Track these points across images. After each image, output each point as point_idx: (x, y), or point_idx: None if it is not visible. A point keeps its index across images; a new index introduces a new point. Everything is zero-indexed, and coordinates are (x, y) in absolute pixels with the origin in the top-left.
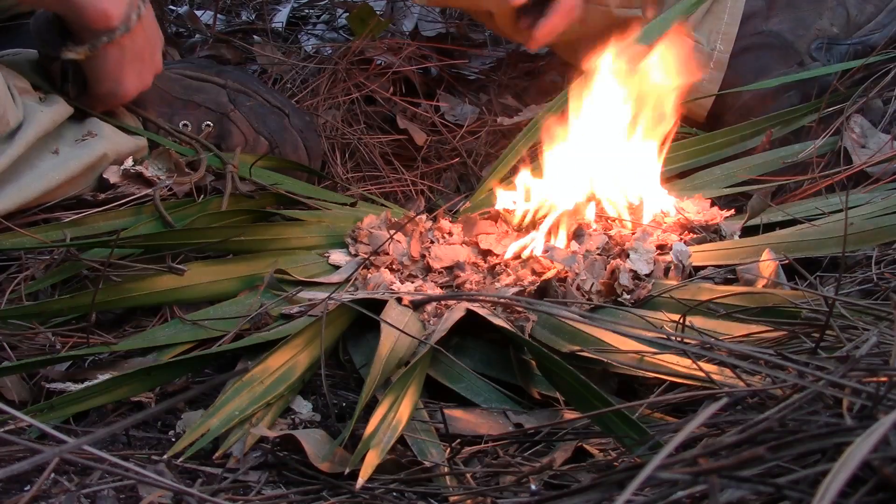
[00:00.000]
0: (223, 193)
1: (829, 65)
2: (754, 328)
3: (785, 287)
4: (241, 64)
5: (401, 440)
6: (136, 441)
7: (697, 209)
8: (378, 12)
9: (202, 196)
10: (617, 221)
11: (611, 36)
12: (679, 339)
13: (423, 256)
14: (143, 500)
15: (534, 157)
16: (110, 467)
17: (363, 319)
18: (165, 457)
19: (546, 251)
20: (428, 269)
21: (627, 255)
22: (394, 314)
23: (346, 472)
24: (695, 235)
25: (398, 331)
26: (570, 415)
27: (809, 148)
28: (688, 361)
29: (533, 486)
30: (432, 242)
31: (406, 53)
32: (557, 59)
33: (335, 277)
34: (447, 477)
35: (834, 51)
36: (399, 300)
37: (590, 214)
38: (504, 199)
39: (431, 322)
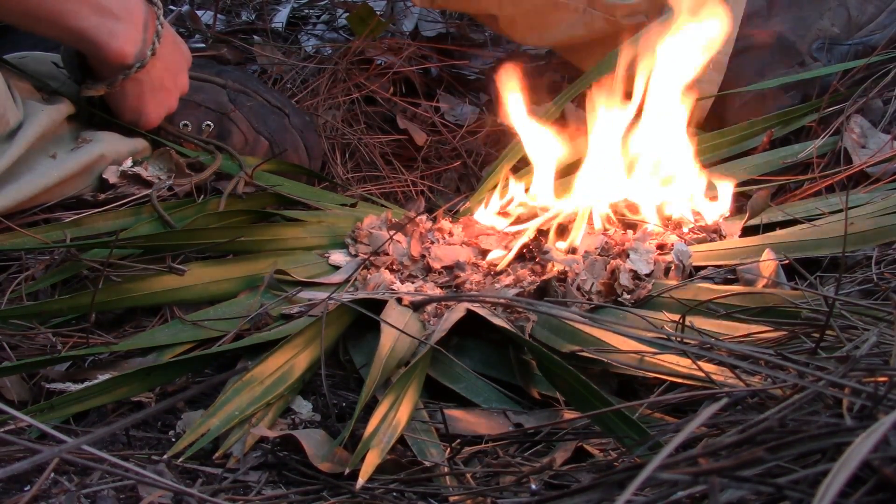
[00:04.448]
0: (223, 194)
1: (830, 65)
2: (754, 328)
3: (785, 287)
4: (241, 64)
5: (401, 440)
6: (136, 441)
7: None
8: (378, 12)
9: (202, 196)
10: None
11: (613, 40)
12: (679, 339)
13: (423, 257)
14: (143, 500)
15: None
16: (110, 467)
17: (363, 319)
18: (165, 457)
19: (545, 251)
20: (428, 270)
21: (627, 255)
22: (394, 314)
23: (346, 472)
24: (695, 235)
25: (398, 331)
26: (570, 415)
27: (809, 148)
28: (688, 361)
29: (533, 486)
30: (432, 243)
31: (406, 54)
32: (558, 59)
33: (335, 278)
34: (447, 477)
35: (834, 51)
36: (399, 300)
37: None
38: (493, 211)
39: (431, 322)
